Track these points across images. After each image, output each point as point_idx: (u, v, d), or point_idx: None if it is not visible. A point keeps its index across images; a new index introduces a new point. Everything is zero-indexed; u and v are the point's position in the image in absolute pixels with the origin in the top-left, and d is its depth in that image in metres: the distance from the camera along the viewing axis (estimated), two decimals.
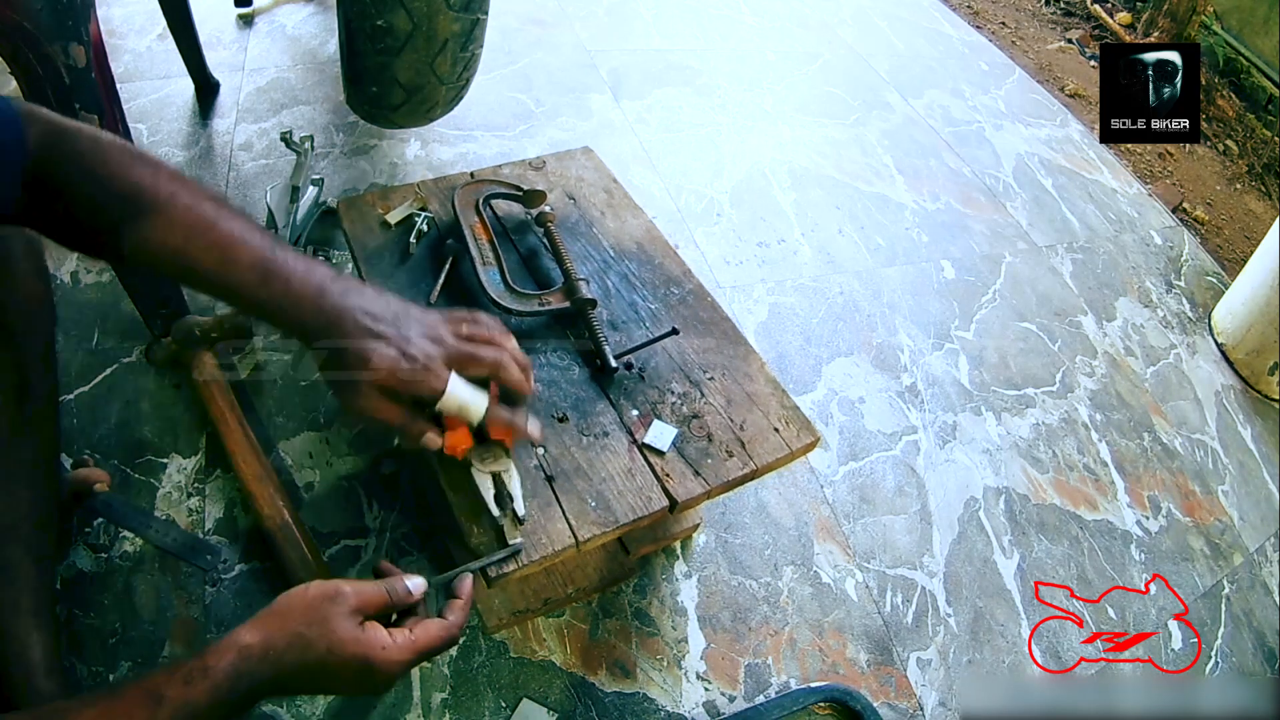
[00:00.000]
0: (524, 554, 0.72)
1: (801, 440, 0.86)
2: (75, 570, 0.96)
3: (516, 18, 2.11)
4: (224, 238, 0.59)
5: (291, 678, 0.51)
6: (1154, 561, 1.28)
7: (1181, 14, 2.57)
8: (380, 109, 1.33)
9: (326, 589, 0.54)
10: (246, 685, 0.49)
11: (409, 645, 0.55)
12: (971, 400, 1.44)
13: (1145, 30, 2.69)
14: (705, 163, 1.80)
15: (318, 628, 0.52)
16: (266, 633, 0.51)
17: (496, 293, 0.90)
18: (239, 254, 0.59)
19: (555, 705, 0.94)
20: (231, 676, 0.48)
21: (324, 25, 1.93)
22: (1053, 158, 2.14)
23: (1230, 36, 2.68)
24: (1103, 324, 1.69)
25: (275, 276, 0.59)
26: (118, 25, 1.83)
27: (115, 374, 1.16)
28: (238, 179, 1.50)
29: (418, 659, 0.56)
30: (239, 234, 0.59)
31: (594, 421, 0.84)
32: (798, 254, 1.63)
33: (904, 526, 1.22)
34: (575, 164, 1.17)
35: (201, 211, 0.58)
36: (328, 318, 0.60)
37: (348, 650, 0.52)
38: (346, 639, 0.52)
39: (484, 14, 1.25)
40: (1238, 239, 2.10)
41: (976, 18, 2.79)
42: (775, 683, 1.01)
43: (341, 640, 0.52)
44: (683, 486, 0.80)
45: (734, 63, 2.18)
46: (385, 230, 1.01)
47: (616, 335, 0.93)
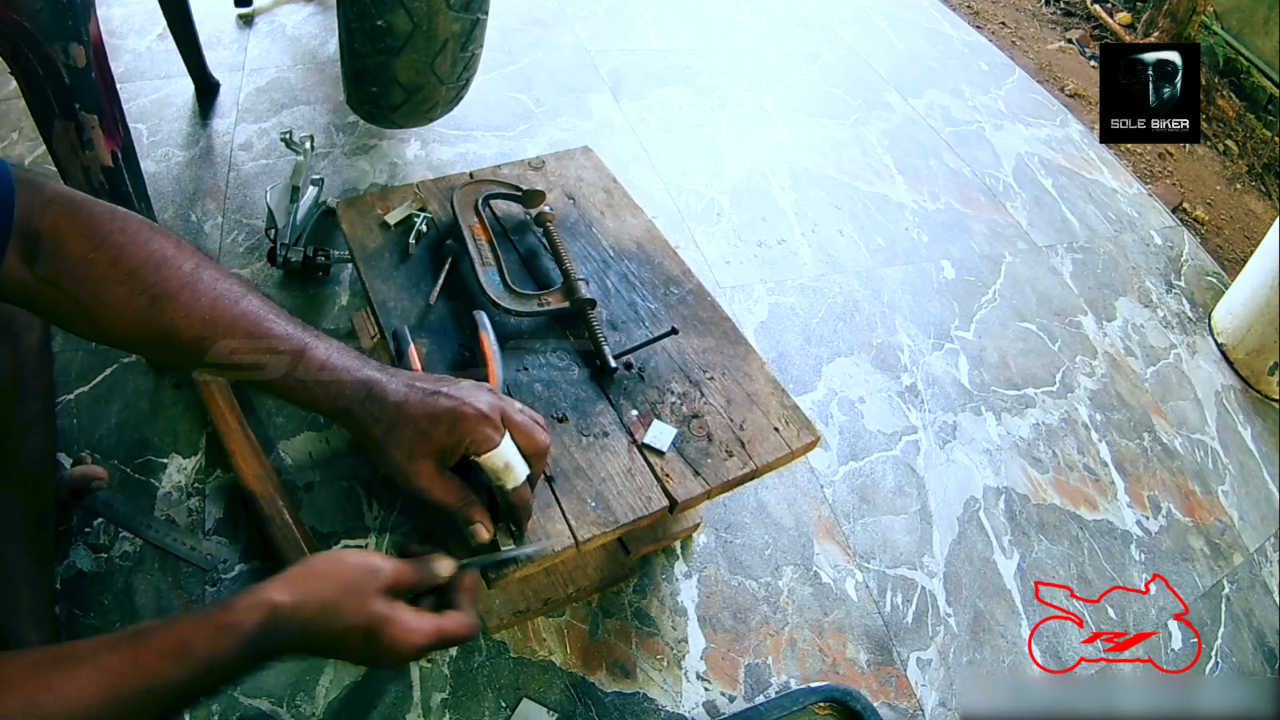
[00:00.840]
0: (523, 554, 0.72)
1: (802, 440, 0.86)
2: (75, 570, 0.96)
3: (516, 18, 2.11)
4: (251, 316, 0.56)
5: (316, 640, 0.51)
6: (1154, 561, 1.28)
7: (1181, 14, 2.57)
8: (380, 109, 1.33)
9: (365, 562, 0.54)
10: (273, 644, 0.49)
11: (434, 630, 0.55)
12: (971, 400, 1.44)
13: (1145, 30, 2.69)
14: (705, 163, 1.80)
15: (353, 599, 0.52)
16: (299, 595, 0.51)
17: (495, 293, 0.90)
18: (270, 330, 0.56)
19: (555, 705, 0.94)
20: (259, 636, 0.48)
21: (324, 25, 1.93)
22: (1053, 158, 2.14)
23: (1230, 36, 2.68)
24: (1103, 324, 1.69)
25: (311, 352, 0.57)
26: (118, 25, 1.83)
27: (115, 374, 1.16)
28: (238, 179, 1.50)
29: (438, 645, 0.56)
30: (265, 314, 0.57)
31: (593, 422, 0.84)
32: (798, 254, 1.63)
33: (904, 526, 1.22)
34: (574, 164, 1.17)
35: (225, 289, 0.56)
36: (370, 386, 0.58)
37: (377, 627, 0.52)
38: (377, 615, 0.52)
39: (484, 14, 1.25)
40: (1238, 239, 2.10)
41: (976, 18, 2.79)
42: (775, 683, 1.01)
43: (372, 615, 0.52)
44: (682, 486, 0.80)
45: (734, 63, 2.18)
46: (385, 231, 1.01)
47: (616, 335, 0.93)
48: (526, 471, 0.64)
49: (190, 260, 0.55)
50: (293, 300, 1.31)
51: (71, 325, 0.54)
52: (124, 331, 0.54)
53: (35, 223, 0.51)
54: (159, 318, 0.53)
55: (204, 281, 0.55)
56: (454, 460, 0.60)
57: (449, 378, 0.63)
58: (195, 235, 1.39)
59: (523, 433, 0.63)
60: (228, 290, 0.56)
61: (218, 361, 0.55)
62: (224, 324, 0.55)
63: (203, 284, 0.55)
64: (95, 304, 0.52)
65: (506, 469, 0.63)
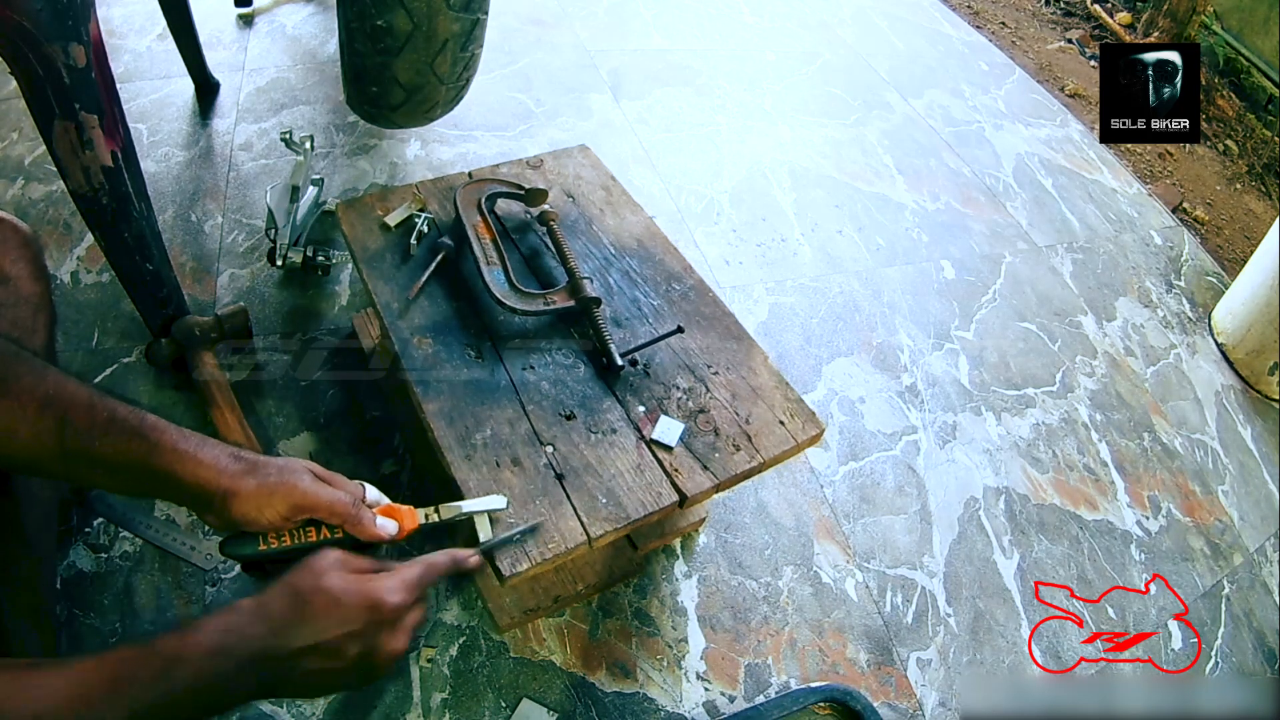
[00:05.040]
0: (537, 551, 0.72)
1: (807, 432, 0.87)
2: (75, 570, 0.96)
3: (516, 18, 2.11)
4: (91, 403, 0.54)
5: (288, 629, 0.50)
6: (1154, 561, 1.28)
7: (1181, 14, 2.57)
8: (380, 109, 1.33)
9: (317, 556, 0.54)
10: (236, 640, 0.48)
11: (400, 581, 0.54)
12: (971, 400, 1.44)
13: (1145, 30, 2.69)
14: (705, 163, 1.80)
15: (308, 578, 0.52)
16: (261, 596, 0.51)
17: (502, 293, 0.91)
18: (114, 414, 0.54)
19: (555, 705, 0.94)
20: (221, 630, 0.48)
21: (324, 25, 1.93)
22: (1053, 158, 2.14)
23: (1230, 36, 2.68)
24: (1103, 324, 1.69)
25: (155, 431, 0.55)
26: (118, 25, 1.83)
27: (115, 374, 1.16)
28: (238, 179, 1.50)
29: (419, 593, 0.56)
30: (101, 399, 0.55)
31: (601, 419, 0.84)
32: (798, 254, 1.63)
33: (904, 526, 1.22)
34: (573, 162, 1.17)
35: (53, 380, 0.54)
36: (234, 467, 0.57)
37: (344, 591, 0.51)
38: (337, 583, 0.52)
39: (484, 14, 1.25)
40: (1238, 239, 2.10)
41: (976, 18, 2.79)
42: (775, 683, 1.01)
43: (332, 585, 0.51)
44: (691, 481, 0.80)
45: (734, 63, 2.18)
46: (385, 232, 1.01)
47: (620, 332, 0.93)
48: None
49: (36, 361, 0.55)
50: (293, 300, 1.31)
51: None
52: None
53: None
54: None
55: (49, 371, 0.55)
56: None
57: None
58: (195, 235, 1.39)
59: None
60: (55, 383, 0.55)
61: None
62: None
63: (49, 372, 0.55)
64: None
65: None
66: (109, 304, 1.25)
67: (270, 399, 1.16)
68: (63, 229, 1.36)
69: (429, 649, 0.95)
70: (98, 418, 0.54)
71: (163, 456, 0.55)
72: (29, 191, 1.42)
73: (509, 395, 0.85)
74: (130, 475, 0.55)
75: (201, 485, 0.55)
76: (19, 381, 0.53)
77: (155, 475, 0.55)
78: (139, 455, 0.54)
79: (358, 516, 0.60)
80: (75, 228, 1.35)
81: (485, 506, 0.71)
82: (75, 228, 1.35)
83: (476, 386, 0.86)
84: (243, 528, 0.58)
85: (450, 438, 0.80)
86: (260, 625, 0.50)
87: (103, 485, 0.57)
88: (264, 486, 0.57)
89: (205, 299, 1.29)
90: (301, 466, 0.60)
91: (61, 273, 1.29)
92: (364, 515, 0.61)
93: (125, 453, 0.54)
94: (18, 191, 1.42)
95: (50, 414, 0.53)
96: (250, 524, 0.57)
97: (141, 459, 0.54)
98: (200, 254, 1.36)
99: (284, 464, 0.60)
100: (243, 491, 0.56)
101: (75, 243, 1.34)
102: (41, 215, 1.38)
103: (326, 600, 0.51)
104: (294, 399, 1.17)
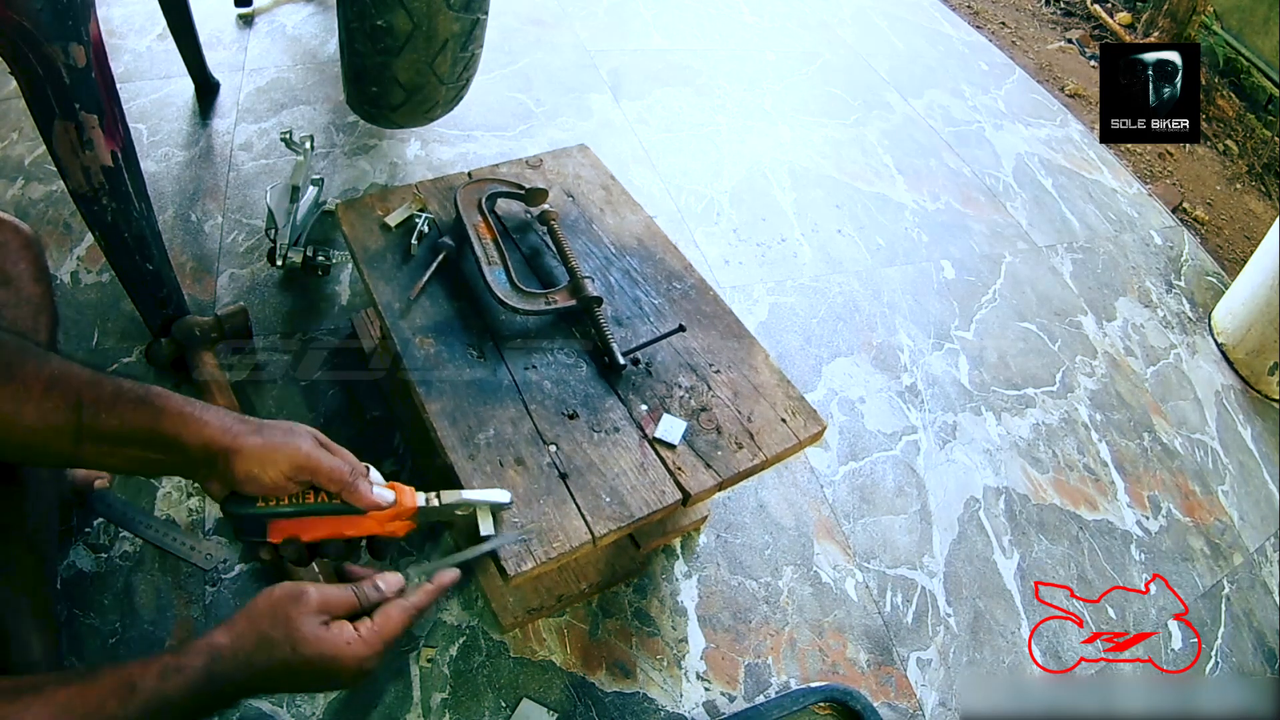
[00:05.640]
0: (542, 551, 0.72)
1: (809, 430, 0.87)
2: (75, 570, 0.96)
3: (516, 18, 2.11)
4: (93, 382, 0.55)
5: (264, 678, 0.52)
6: (1154, 561, 1.28)
7: (1181, 14, 2.57)
8: (380, 109, 1.33)
9: (290, 590, 0.54)
10: (220, 685, 0.50)
11: (375, 636, 0.55)
12: (971, 400, 1.44)
13: (1145, 30, 2.69)
14: (705, 163, 1.80)
15: (281, 629, 0.52)
16: (236, 634, 0.52)
17: (503, 292, 0.91)
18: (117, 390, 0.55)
19: (555, 705, 0.94)
20: (204, 676, 0.49)
21: (324, 25, 1.93)
22: (1053, 158, 2.14)
23: (1230, 36, 2.68)
24: (1103, 324, 1.69)
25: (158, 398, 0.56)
26: (118, 25, 1.83)
27: (115, 374, 1.16)
28: (238, 179, 1.50)
29: (386, 648, 0.56)
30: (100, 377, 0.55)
31: (604, 418, 0.84)
32: (798, 254, 1.63)
33: (904, 526, 1.22)
34: (572, 162, 1.17)
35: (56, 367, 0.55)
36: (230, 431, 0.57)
37: (310, 649, 0.52)
38: (309, 638, 0.52)
39: (484, 14, 1.25)
40: (1238, 239, 2.10)
41: (976, 18, 2.79)
42: (775, 683, 1.01)
43: (304, 639, 0.52)
44: (695, 479, 0.80)
45: (734, 63, 2.18)
46: (385, 232, 1.01)
47: (622, 331, 0.93)
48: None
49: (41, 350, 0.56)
50: (293, 300, 1.31)
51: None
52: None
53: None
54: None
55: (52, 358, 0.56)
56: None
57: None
58: (195, 235, 1.39)
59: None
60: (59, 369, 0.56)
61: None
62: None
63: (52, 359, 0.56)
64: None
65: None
66: (109, 304, 1.25)
67: (270, 399, 1.16)
68: (63, 229, 1.36)
69: (429, 649, 0.95)
70: (103, 392, 0.55)
71: (169, 420, 0.55)
72: (29, 191, 1.42)
73: (511, 395, 0.85)
74: (137, 446, 0.56)
75: (206, 445, 0.56)
76: (24, 367, 0.53)
77: (162, 441, 0.55)
78: (146, 422, 0.55)
79: (355, 484, 0.61)
80: (75, 228, 1.35)
81: (489, 499, 0.70)
82: (75, 228, 1.35)
83: (479, 386, 0.86)
84: (244, 488, 0.58)
85: (453, 438, 0.80)
86: (239, 669, 0.51)
87: (109, 465, 0.58)
88: (268, 444, 0.57)
89: (205, 299, 1.29)
90: (306, 431, 0.61)
91: (61, 273, 1.29)
92: (361, 484, 0.61)
93: (132, 422, 0.55)
94: (18, 191, 1.42)
95: (57, 393, 0.53)
96: (252, 482, 0.57)
97: (149, 426, 0.55)
98: (200, 254, 1.36)
99: (290, 426, 0.60)
100: (246, 448, 0.57)
101: (75, 243, 1.34)
102: (41, 215, 1.38)
103: (295, 659, 0.52)
104: (294, 399, 1.17)
